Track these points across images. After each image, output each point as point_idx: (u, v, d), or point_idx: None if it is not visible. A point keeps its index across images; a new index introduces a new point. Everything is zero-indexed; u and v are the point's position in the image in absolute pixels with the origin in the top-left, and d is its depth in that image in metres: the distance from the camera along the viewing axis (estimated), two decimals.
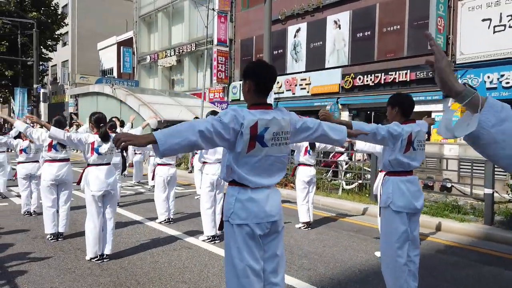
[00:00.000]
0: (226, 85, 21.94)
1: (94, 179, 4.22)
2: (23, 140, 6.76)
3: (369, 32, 15.12)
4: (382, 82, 14.45)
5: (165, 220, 6.13)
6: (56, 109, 37.07)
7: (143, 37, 29.46)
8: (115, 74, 32.51)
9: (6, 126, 19.29)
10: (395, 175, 3.11)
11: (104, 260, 4.27)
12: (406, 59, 13.91)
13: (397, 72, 13.99)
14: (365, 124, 2.91)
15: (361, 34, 15.40)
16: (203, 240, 5.10)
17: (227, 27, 21.41)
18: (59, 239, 5.04)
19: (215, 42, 21.14)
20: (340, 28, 16.13)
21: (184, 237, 5.30)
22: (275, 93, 18.92)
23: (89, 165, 4.30)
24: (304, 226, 5.94)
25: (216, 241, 5.07)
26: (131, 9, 35.46)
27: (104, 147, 4.30)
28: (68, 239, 5.08)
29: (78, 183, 4.47)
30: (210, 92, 22.91)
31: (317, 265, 4.30)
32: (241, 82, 19.61)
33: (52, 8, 30.71)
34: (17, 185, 7.19)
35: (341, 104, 15.86)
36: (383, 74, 14.40)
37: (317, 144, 5.94)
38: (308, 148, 6.01)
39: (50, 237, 5.03)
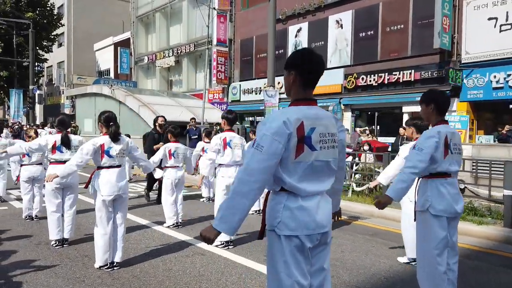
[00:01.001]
0: (226, 86, 21.70)
1: (104, 182, 3.97)
2: (27, 141, 6.51)
3: (372, 32, 14.96)
4: (386, 82, 14.29)
5: (173, 224, 5.89)
6: (52, 110, 36.65)
7: (140, 37, 29.16)
8: (112, 75, 32.16)
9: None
10: (434, 177, 2.90)
11: (115, 268, 4.02)
12: (410, 58, 13.76)
13: (401, 72, 13.83)
14: (401, 180, 2.84)
15: (364, 34, 15.24)
16: (217, 246, 4.86)
17: (226, 27, 21.19)
18: (64, 245, 4.78)
19: (215, 42, 20.91)
20: (342, 28, 15.97)
21: (196, 242, 5.06)
22: None
23: (99, 167, 4.05)
24: None
25: (230, 247, 4.84)
26: (127, 9, 35.16)
27: (116, 149, 4.04)
28: (73, 245, 4.83)
29: (86, 186, 4.22)
30: (210, 92, 22.62)
31: (340, 272, 4.08)
32: (240, 83, 19.36)
33: (48, 8, 30.35)
34: (16, 188, 6.93)
35: (343, 105, 15.68)
36: (386, 74, 14.24)
37: None
38: None
39: (55, 243, 4.76)
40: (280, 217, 1.95)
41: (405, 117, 13.99)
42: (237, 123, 13.58)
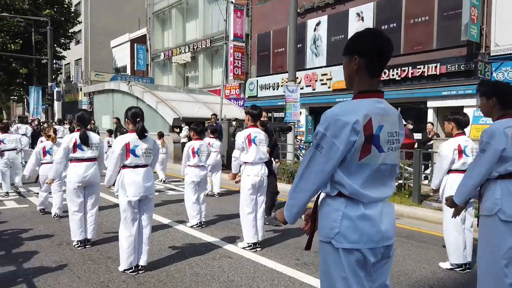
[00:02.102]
0: (243, 82, 21.44)
1: (130, 183, 3.76)
2: (47, 140, 6.49)
3: (394, 24, 14.47)
4: (410, 76, 13.81)
5: (197, 224, 5.68)
6: (70, 107, 37.07)
7: (156, 34, 29.12)
8: (128, 71, 32.27)
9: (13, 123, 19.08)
10: (505, 178, 2.58)
11: (139, 272, 3.82)
12: (435, 51, 13.24)
13: (426, 66, 13.32)
14: (465, 185, 2.70)
15: (386, 26, 14.73)
16: (244, 248, 4.63)
17: (243, 22, 20.89)
18: (86, 246, 4.61)
19: (231, 37, 20.65)
20: (363, 21, 15.50)
21: (222, 244, 4.83)
22: None
23: (124, 166, 3.84)
24: None
25: (258, 249, 4.59)
26: (143, 6, 35.20)
27: (142, 147, 3.83)
28: (96, 246, 4.66)
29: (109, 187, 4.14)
30: (226, 88, 22.42)
31: None
32: (257, 79, 18.99)
33: (66, 6, 30.55)
34: (31, 183, 6.95)
35: None
36: (410, 67, 13.75)
37: None
38: None
39: (77, 244, 4.59)
40: (339, 228, 1.70)
41: (430, 113, 13.51)
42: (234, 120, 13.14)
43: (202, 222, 5.73)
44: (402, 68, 13.97)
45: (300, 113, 18.66)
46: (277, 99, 19.15)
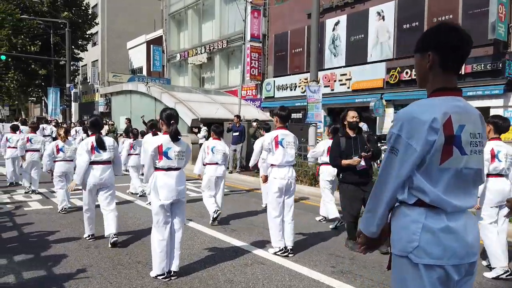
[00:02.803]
0: (259, 82, 21.32)
1: (162, 186, 3.66)
2: (60, 139, 6.72)
3: (417, 23, 14.15)
4: None
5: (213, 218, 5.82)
6: (87, 108, 37.52)
7: (172, 35, 29.22)
8: (144, 73, 32.46)
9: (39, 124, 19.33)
10: None
11: (172, 278, 3.70)
12: None
13: None
14: None
15: (408, 25, 14.44)
16: (275, 253, 4.47)
17: (260, 22, 20.77)
18: (113, 240, 4.66)
19: (248, 37, 20.54)
20: (384, 20, 15.22)
21: (251, 248, 4.69)
22: None
23: (157, 169, 3.74)
24: (340, 222, 5.65)
25: (290, 255, 4.43)
26: (159, 8, 35.39)
27: (175, 150, 3.73)
28: (124, 249, 4.56)
29: None
30: (243, 89, 22.32)
31: None
32: (274, 79, 18.81)
33: (83, 8, 30.92)
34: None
35: (385, 100, 14.95)
36: None
37: None
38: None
39: (89, 237, 4.96)
40: (418, 241, 1.53)
41: None
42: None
43: (213, 217, 5.79)
44: None
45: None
46: (295, 100, 18.97)
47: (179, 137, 3.79)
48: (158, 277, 3.68)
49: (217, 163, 6.03)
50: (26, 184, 8.28)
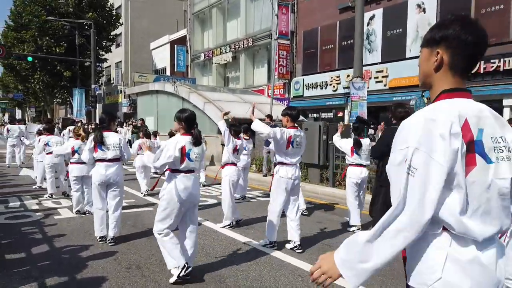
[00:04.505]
0: (287, 81, 20.58)
1: (182, 189, 3.60)
2: (76, 140, 6.37)
3: (463, 14, 13.11)
4: (482, 71, 12.46)
5: (230, 224, 5.58)
6: (110, 109, 37.58)
7: (196, 34, 28.82)
8: (168, 73, 32.21)
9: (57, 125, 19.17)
10: None
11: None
12: None
13: (502, 60, 11.96)
14: None
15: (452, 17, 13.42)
16: (265, 245, 4.64)
17: (288, 19, 20.03)
18: (109, 243, 4.67)
19: (276, 35, 19.83)
20: (424, 12, 14.26)
21: (290, 259, 3.99)
22: (344, 88, 17.37)
23: (175, 171, 3.62)
24: (358, 229, 5.58)
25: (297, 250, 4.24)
26: (181, 8, 35.11)
27: (194, 151, 3.65)
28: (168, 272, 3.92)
29: (153, 188, 4.64)
30: (270, 88, 21.64)
31: None
32: (303, 78, 18.09)
33: (108, 9, 30.88)
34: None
35: (427, 98, 13.93)
36: (482, 62, 12.39)
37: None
38: (354, 149, 5.69)
39: (99, 239, 4.79)
40: (441, 272, 1.28)
41: (506, 112, 12.13)
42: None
43: (232, 223, 5.63)
44: None
45: (350, 113, 17.73)
46: (325, 99, 18.19)
47: (201, 140, 3.78)
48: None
49: (236, 164, 5.90)
50: (48, 191, 7.65)
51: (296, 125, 4.71)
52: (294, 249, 4.56)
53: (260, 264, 4.12)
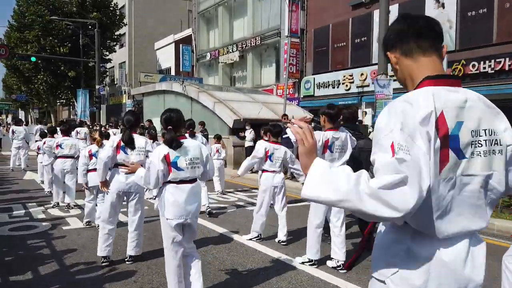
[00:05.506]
0: (297, 80, 20.03)
1: (172, 203, 3.01)
2: (92, 144, 5.81)
3: (485, 10, 12.56)
4: (506, 68, 11.88)
5: (257, 236, 5.00)
6: (114, 110, 37.09)
7: (202, 34, 28.32)
8: (172, 73, 31.71)
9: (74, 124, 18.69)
10: None
11: None
12: None
13: None
14: None
15: (473, 13, 12.86)
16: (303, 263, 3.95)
17: (298, 16, 19.47)
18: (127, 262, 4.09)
19: (286, 33, 19.29)
20: (444, 8, 13.68)
21: (336, 281, 3.46)
22: (357, 87, 16.83)
23: (165, 182, 3.07)
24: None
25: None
26: (185, 7, 34.67)
27: (186, 157, 3.04)
28: None
29: None
30: (278, 88, 21.13)
31: None
32: (314, 77, 17.57)
33: (111, 8, 30.44)
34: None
35: None
36: (507, 59, 11.82)
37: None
38: None
39: (103, 260, 4.10)
40: (399, 266, 1.26)
41: None
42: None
43: (281, 241, 4.92)
44: (497, 60, 12.07)
45: (365, 113, 17.16)
46: (338, 98, 17.61)
47: (175, 144, 3.02)
48: None
49: (274, 171, 5.02)
50: (54, 200, 6.96)
51: (335, 126, 4.08)
52: (338, 268, 3.98)
53: (298, 284, 3.58)
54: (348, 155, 4.09)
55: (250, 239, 4.99)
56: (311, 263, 4.07)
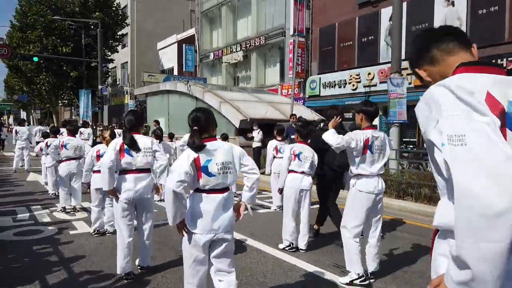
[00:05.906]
0: (302, 80, 19.80)
1: (202, 214, 2.62)
2: (105, 143, 5.39)
3: (496, 7, 12.32)
4: None
5: (289, 245, 4.65)
6: (116, 110, 36.91)
7: (205, 33, 28.11)
8: (175, 73, 31.51)
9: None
10: None
11: None
12: None
13: None
14: None
15: (484, 10, 12.62)
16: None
17: (303, 15, 19.24)
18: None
19: (291, 32, 19.07)
20: (453, 5, 13.44)
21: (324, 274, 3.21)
22: (365, 86, 16.58)
23: (195, 190, 2.73)
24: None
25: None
26: (188, 8, 34.45)
27: (216, 162, 2.62)
28: None
29: None
30: (283, 88, 20.91)
31: None
32: (320, 76, 17.32)
33: (114, 8, 30.25)
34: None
35: None
36: None
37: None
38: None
39: (125, 277, 3.67)
40: None
41: None
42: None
43: (294, 244, 4.65)
44: (509, 59, 11.81)
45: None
46: (344, 98, 17.39)
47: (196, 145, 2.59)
48: None
49: (302, 172, 4.69)
50: (61, 204, 6.63)
51: (372, 125, 3.69)
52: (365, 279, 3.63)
53: None
54: (387, 157, 3.71)
55: (283, 249, 4.63)
56: (362, 278, 3.59)
